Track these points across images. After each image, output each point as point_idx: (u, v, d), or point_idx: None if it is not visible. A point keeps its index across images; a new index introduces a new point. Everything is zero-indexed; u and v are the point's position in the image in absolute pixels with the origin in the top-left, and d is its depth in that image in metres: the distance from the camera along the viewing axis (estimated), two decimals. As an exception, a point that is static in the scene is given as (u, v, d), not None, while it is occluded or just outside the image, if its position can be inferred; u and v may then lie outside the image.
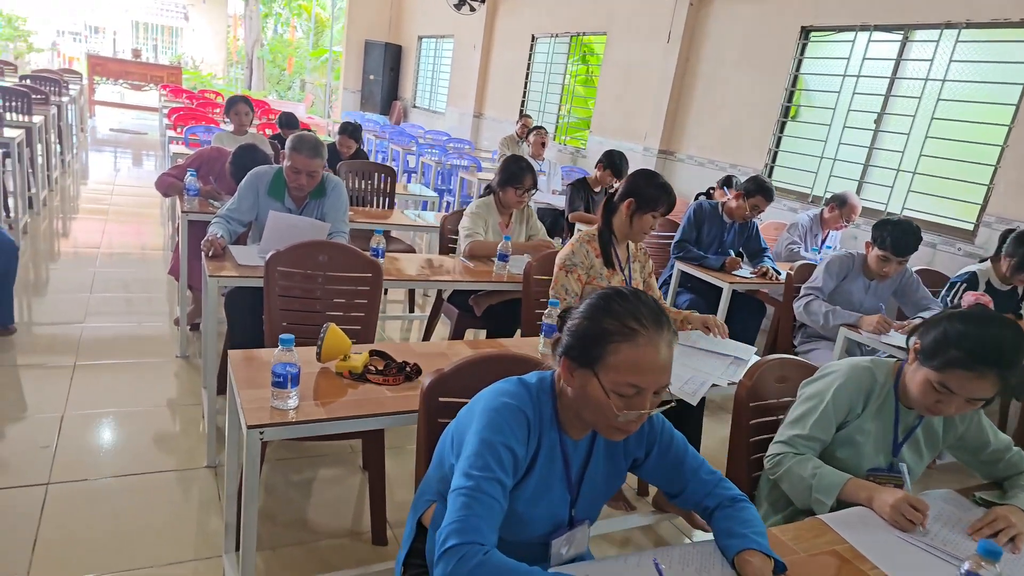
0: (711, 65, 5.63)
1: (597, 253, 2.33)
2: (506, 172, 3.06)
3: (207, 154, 3.52)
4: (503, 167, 3.09)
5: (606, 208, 2.33)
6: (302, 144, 2.61)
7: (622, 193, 2.28)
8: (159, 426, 2.59)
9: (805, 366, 1.74)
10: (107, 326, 3.44)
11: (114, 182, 7.32)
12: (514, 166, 3.06)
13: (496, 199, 3.16)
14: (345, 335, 1.64)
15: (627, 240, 2.35)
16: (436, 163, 6.85)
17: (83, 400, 2.69)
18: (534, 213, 3.34)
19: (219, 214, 2.71)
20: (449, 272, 2.71)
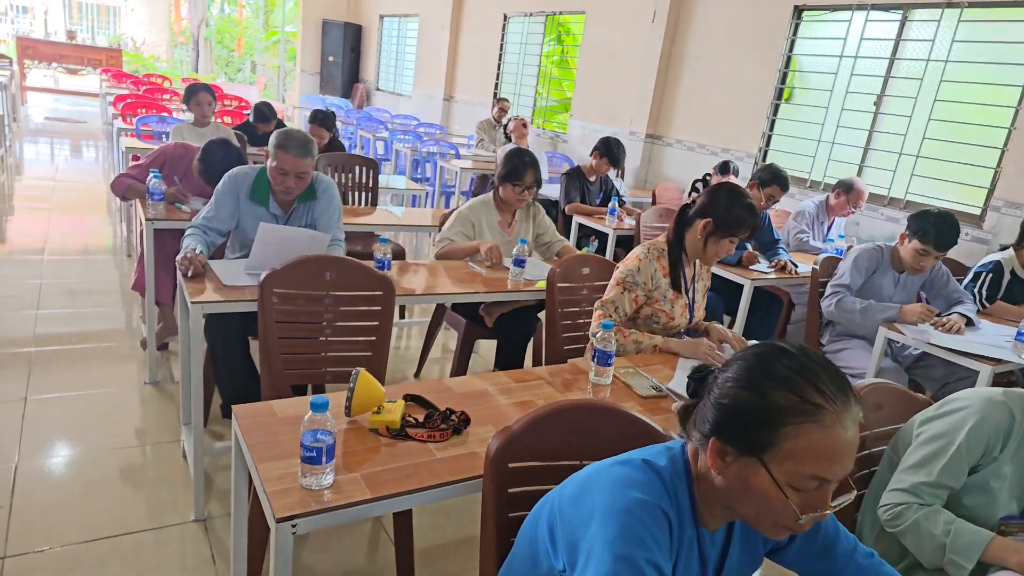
0: (699, 46, 5.42)
1: (665, 272, 2.07)
2: (505, 166, 2.78)
3: (171, 151, 3.12)
4: (504, 161, 2.81)
5: (679, 221, 2.07)
6: (289, 141, 2.28)
7: (700, 209, 2.01)
8: (132, 472, 2.24)
9: (900, 392, 1.54)
10: (61, 350, 3.04)
11: (55, 177, 6.70)
12: (516, 159, 2.77)
13: (496, 196, 2.88)
14: (377, 381, 1.35)
15: (697, 259, 2.11)
16: (410, 150, 6.48)
17: (39, 443, 2.32)
18: (542, 210, 3.06)
19: (194, 223, 2.36)
20: (463, 282, 2.42)
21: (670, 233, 2.09)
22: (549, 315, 2.31)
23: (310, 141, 2.31)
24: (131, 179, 3.04)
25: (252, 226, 2.43)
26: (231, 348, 2.21)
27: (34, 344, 3.04)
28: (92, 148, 8.77)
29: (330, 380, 1.98)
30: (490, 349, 3.37)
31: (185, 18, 20.19)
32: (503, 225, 2.89)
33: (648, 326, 2.10)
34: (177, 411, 2.61)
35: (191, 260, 2.07)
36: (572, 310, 2.35)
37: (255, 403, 1.38)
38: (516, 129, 5.40)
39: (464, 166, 5.87)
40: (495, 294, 2.40)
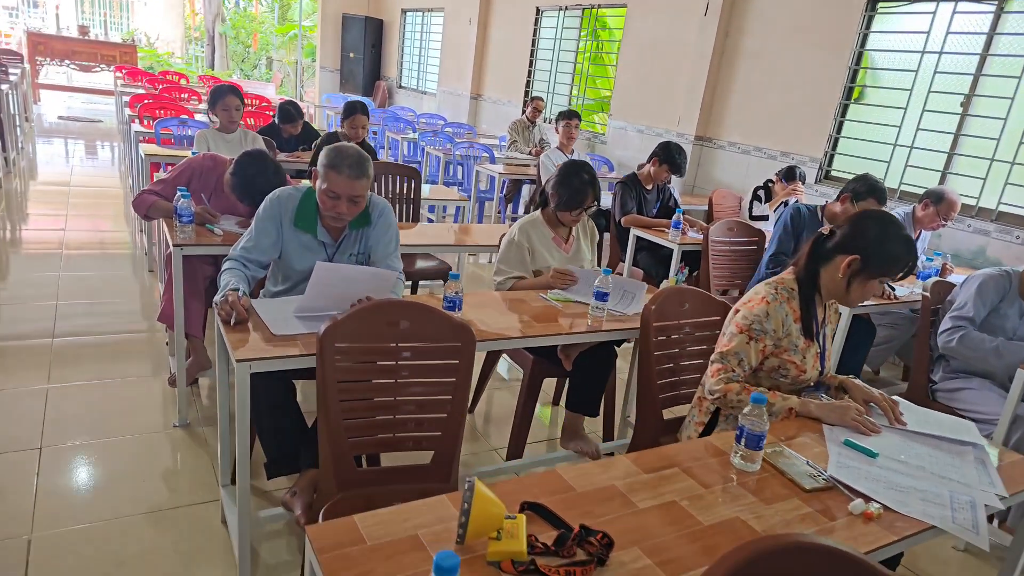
0: (757, 41, 5.04)
1: (796, 316, 1.72)
2: (563, 190, 2.42)
3: (198, 164, 2.81)
4: (559, 182, 2.47)
5: (813, 253, 1.72)
6: (341, 159, 1.95)
7: (844, 241, 1.65)
8: (164, 542, 1.94)
9: None
10: (81, 385, 2.75)
11: (69, 181, 6.44)
12: (574, 181, 2.41)
13: (545, 213, 2.55)
14: (493, 496, 1.03)
15: (832, 299, 1.76)
16: (443, 153, 6.15)
17: (56, 504, 2.03)
18: (589, 219, 2.73)
19: (233, 255, 2.05)
20: (539, 319, 2.09)
21: (800, 268, 1.74)
22: (643, 362, 1.97)
23: (365, 160, 1.99)
24: (155, 196, 2.73)
25: (297, 255, 2.13)
26: (275, 398, 1.89)
27: (49, 380, 2.76)
28: (108, 149, 8.52)
29: (400, 448, 1.66)
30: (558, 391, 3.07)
31: (200, 13, 19.97)
32: (558, 241, 2.56)
33: (772, 380, 1.77)
34: (212, 464, 2.31)
35: (232, 305, 1.76)
36: (670, 351, 2.01)
37: (335, 521, 1.06)
38: (564, 131, 5.03)
39: (502, 171, 5.53)
40: (577, 335, 2.06)
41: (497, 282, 2.49)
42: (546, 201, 2.55)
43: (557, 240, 2.55)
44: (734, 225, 3.52)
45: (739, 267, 3.51)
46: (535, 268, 2.51)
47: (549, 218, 2.55)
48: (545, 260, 2.51)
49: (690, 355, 2.06)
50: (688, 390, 2.05)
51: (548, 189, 2.54)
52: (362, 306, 1.58)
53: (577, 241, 2.60)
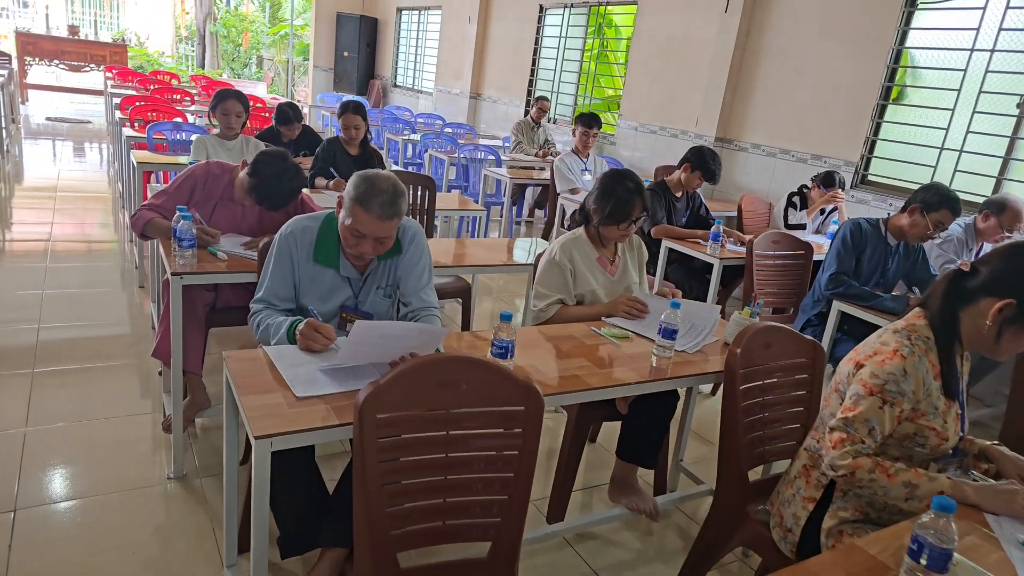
0: (783, 37, 4.77)
1: (936, 372, 1.42)
2: (607, 201, 2.14)
3: (203, 173, 2.50)
4: (602, 193, 2.19)
5: (950, 293, 1.43)
6: (372, 195, 1.66)
7: (993, 282, 1.36)
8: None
9: None
10: (61, 428, 2.45)
11: (56, 187, 6.10)
12: (619, 190, 2.13)
13: (588, 230, 2.28)
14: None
15: (974, 349, 1.48)
16: (447, 155, 5.85)
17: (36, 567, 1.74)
18: (637, 236, 2.45)
19: (258, 299, 1.82)
20: (597, 363, 1.81)
21: (935, 312, 1.44)
22: (728, 417, 1.69)
23: (400, 196, 1.70)
24: (153, 212, 2.43)
25: (318, 293, 1.85)
26: (292, 465, 1.60)
27: (28, 422, 2.45)
28: (97, 151, 8.18)
29: (452, 539, 1.38)
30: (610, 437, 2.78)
31: (191, 12, 19.53)
32: (604, 263, 2.28)
33: (903, 449, 1.45)
34: (213, 529, 2.01)
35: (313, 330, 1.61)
36: (753, 401, 1.74)
37: None
38: (580, 139, 4.71)
39: (512, 175, 5.25)
40: (653, 384, 1.77)
41: (537, 308, 2.21)
42: (588, 217, 2.28)
43: (602, 261, 2.27)
44: (779, 237, 3.25)
45: (786, 283, 3.25)
46: (577, 292, 2.24)
47: (592, 236, 2.27)
48: (588, 284, 2.24)
49: (777, 405, 1.79)
50: (776, 446, 1.78)
51: (588, 203, 2.26)
52: (408, 365, 1.30)
53: (623, 262, 2.32)
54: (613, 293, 2.26)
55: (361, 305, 1.91)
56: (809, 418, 1.83)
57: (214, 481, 2.24)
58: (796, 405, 1.83)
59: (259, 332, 1.79)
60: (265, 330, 1.77)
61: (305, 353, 1.63)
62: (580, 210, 2.30)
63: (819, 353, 1.85)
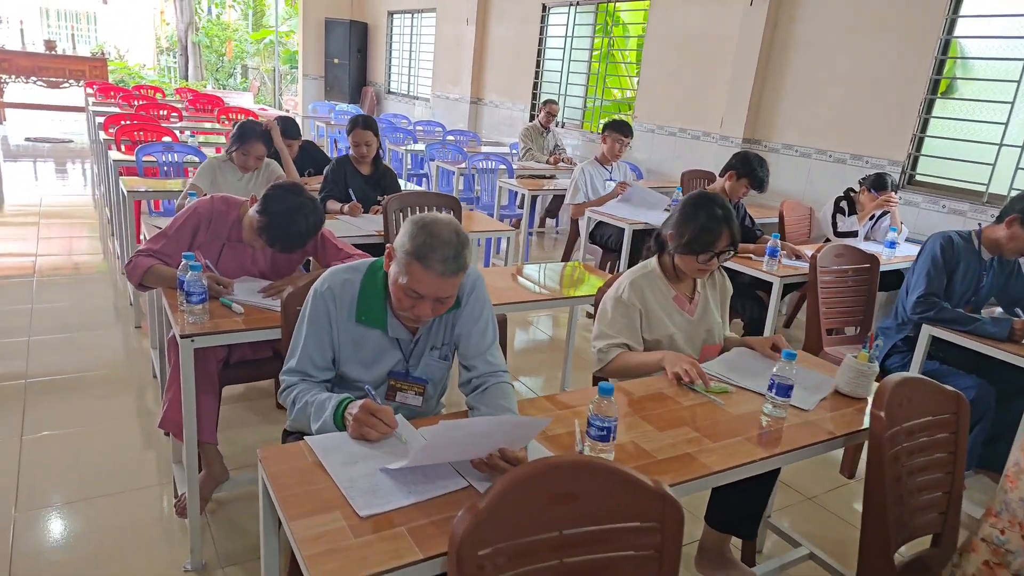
0: (815, 31, 4.49)
1: None
2: (687, 227, 1.84)
3: (206, 210, 2.17)
4: (682, 218, 1.89)
5: None
6: (433, 247, 1.35)
7: None
8: None
9: None
10: (58, 509, 2.11)
11: (39, 211, 5.74)
12: (701, 215, 1.84)
13: (662, 262, 1.97)
14: None
15: None
16: (456, 167, 5.52)
17: None
18: (723, 272, 2.16)
19: (288, 377, 1.51)
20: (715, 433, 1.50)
21: None
22: (873, 489, 1.39)
23: (465, 244, 1.39)
24: (153, 258, 2.10)
25: (358, 358, 1.54)
26: None
27: (17, 505, 2.12)
28: (80, 172, 7.79)
29: None
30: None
31: (171, 23, 19.07)
32: (681, 301, 1.97)
33: None
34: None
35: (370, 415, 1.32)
36: (900, 468, 1.44)
37: None
38: (611, 147, 4.36)
39: (532, 188, 4.93)
40: (793, 454, 1.46)
41: (598, 349, 1.90)
42: (662, 246, 1.98)
43: (679, 299, 1.96)
44: (842, 250, 2.96)
45: (852, 301, 2.96)
46: (652, 338, 1.93)
47: (667, 269, 1.96)
48: (664, 327, 1.93)
49: (922, 472, 1.49)
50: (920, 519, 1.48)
51: (664, 230, 1.95)
52: (510, 481, 0.99)
53: (703, 299, 2.01)
54: (693, 337, 1.96)
55: (412, 370, 1.60)
56: (954, 483, 1.54)
57: (238, 572, 1.92)
58: (940, 470, 1.54)
59: (295, 412, 1.48)
60: (302, 410, 1.46)
61: (358, 442, 1.32)
62: (655, 237, 1.99)
63: (963, 407, 1.56)
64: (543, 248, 6.26)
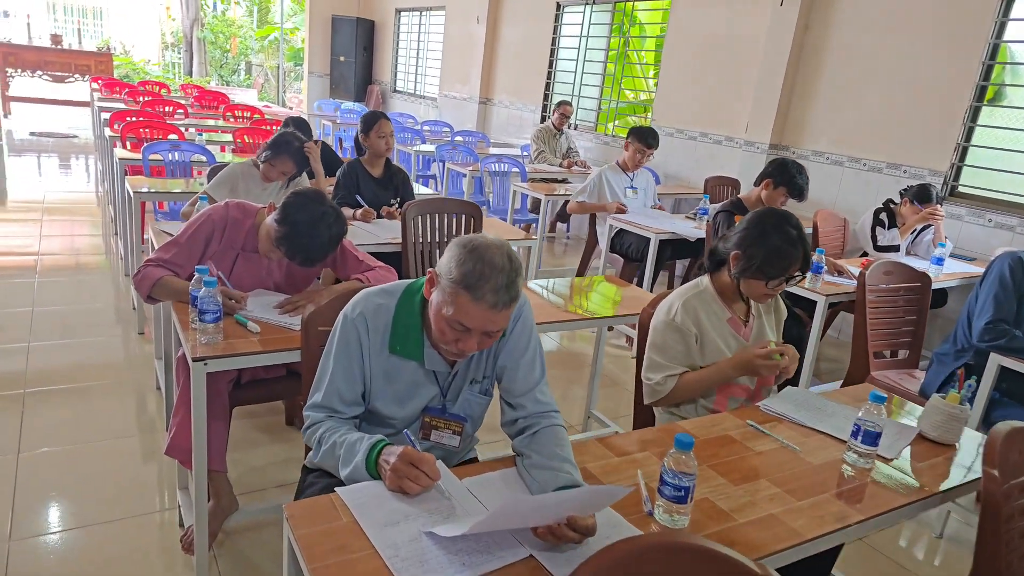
0: (851, 32, 4.31)
1: None
2: (758, 247, 1.66)
3: (221, 217, 1.99)
4: (753, 237, 1.69)
5: None
6: (485, 277, 1.18)
7: None
8: None
9: None
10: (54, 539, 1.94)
11: (42, 207, 5.57)
12: (774, 237, 1.65)
13: (717, 281, 1.79)
14: None
15: None
16: (468, 169, 5.35)
17: None
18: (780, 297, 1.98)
19: (313, 412, 1.34)
20: (796, 485, 1.33)
21: None
22: (985, 563, 1.22)
23: (518, 270, 1.22)
24: (163, 269, 1.93)
25: (390, 392, 1.37)
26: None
27: (12, 532, 1.95)
28: (84, 168, 7.63)
29: None
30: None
31: (176, 19, 18.91)
32: (736, 325, 1.78)
33: None
34: None
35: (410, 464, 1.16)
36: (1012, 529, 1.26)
37: None
38: (632, 155, 4.15)
39: (548, 192, 4.76)
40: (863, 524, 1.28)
41: (652, 382, 1.72)
42: (719, 263, 1.80)
43: (734, 323, 1.79)
44: (892, 267, 2.78)
45: (902, 322, 2.78)
46: (705, 364, 1.75)
47: (723, 290, 1.79)
48: (718, 352, 1.75)
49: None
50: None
51: (725, 246, 1.76)
52: (594, 571, 0.81)
53: (758, 322, 1.84)
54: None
55: (450, 406, 1.42)
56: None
57: (251, 617, 1.76)
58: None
59: (321, 453, 1.31)
60: (330, 451, 1.28)
61: (395, 495, 1.15)
62: (710, 255, 1.81)
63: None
64: (554, 254, 6.09)
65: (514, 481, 1.26)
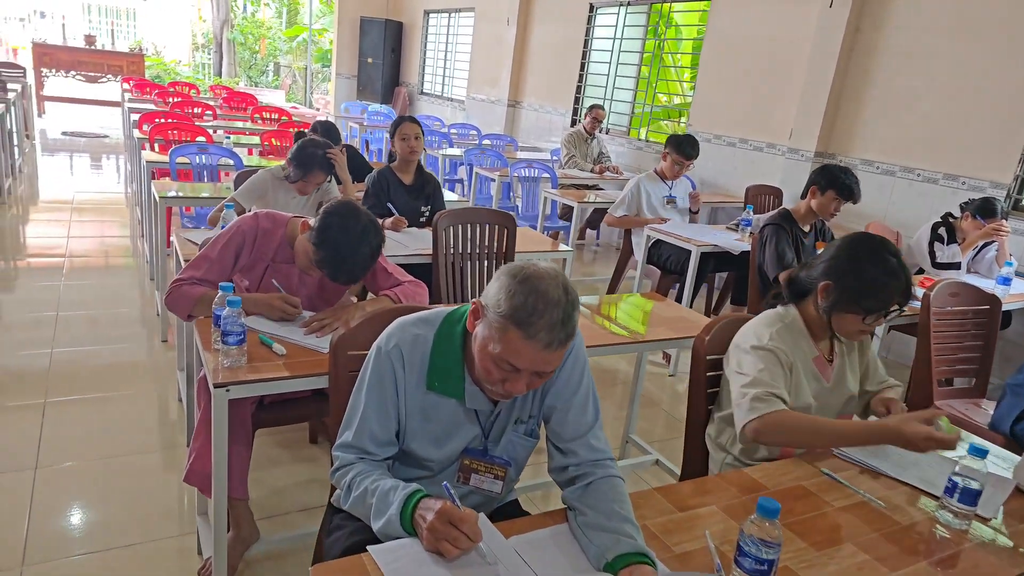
0: (906, 35, 4.09)
1: None
2: (855, 278, 1.47)
3: (251, 228, 1.89)
4: (846, 267, 1.49)
5: None
6: (538, 310, 1.05)
7: None
8: None
9: None
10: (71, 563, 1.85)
11: (72, 206, 5.58)
12: (874, 267, 1.46)
13: (806, 313, 1.58)
14: None
15: None
16: (497, 174, 5.22)
17: None
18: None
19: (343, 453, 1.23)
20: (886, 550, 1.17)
21: None
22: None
23: (575, 304, 1.09)
24: (196, 284, 1.83)
25: (426, 433, 1.24)
26: None
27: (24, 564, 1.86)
28: (114, 168, 7.68)
29: None
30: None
31: (207, 20, 19.15)
32: (821, 364, 1.59)
33: None
34: None
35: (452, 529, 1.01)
36: None
37: None
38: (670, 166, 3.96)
39: (580, 199, 4.61)
40: None
41: (753, 396, 1.43)
42: (802, 291, 1.60)
43: (819, 362, 1.59)
44: (958, 288, 2.58)
45: (968, 346, 2.58)
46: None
47: (812, 323, 1.57)
48: (802, 392, 1.55)
49: None
50: None
51: (810, 275, 1.57)
52: None
53: (839, 362, 1.63)
54: (827, 409, 1.60)
55: (492, 448, 1.29)
56: None
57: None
58: None
59: (351, 499, 1.18)
60: (361, 499, 1.15)
61: (434, 558, 1.02)
62: (790, 283, 1.62)
63: None
64: (583, 262, 5.92)
65: (568, 542, 1.11)
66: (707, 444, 1.70)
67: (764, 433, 1.40)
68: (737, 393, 1.47)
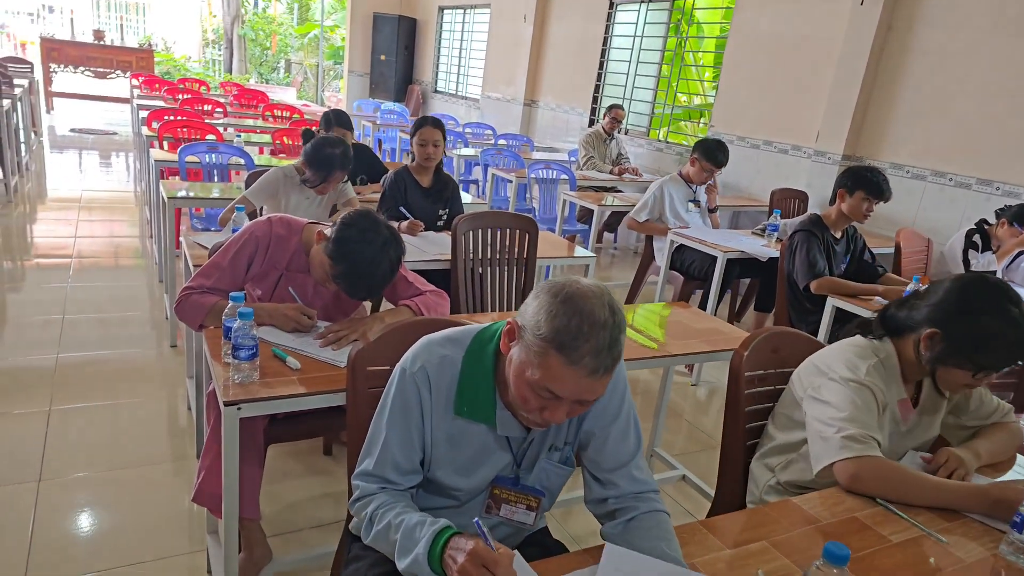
0: (941, 33, 3.94)
1: None
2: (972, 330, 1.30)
3: (264, 233, 1.79)
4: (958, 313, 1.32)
5: None
6: (583, 335, 0.94)
7: None
8: None
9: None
10: None
11: (79, 204, 5.52)
12: (994, 317, 1.28)
13: (903, 353, 1.41)
14: None
15: None
16: (514, 175, 5.11)
17: None
18: None
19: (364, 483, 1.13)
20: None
21: None
22: None
23: (622, 326, 0.97)
24: (209, 295, 1.74)
25: (453, 461, 1.14)
26: None
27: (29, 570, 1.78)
28: (123, 165, 7.63)
29: None
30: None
31: (218, 15, 19.13)
32: (905, 409, 1.43)
33: None
34: None
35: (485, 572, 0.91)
36: None
37: None
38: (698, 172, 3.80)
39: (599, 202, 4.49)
40: None
41: (846, 435, 1.29)
42: (896, 328, 1.43)
43: (904, 406, 1.43)
44: (1004, 301, 2.45)
45: (1014, 363, 2.44)
46: None
47: (908, 366, 1.41)
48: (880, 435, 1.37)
49: None
50: None
51: (911, 316, 1.40)
52: None
53: (922, 406, 1.48)
54: (894, 451, 1.46)
55: (524, 477, 1.18)
56: None
57: None
58: None
59: (373, 533, 1.07)
60: (384, 533, 1.05)
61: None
62: (884, 318, 1.45)
63: None
64: (600, 266, 5.80)
65: (614, 590, 1.01)
66: (752, 464, 1.59)
67: (860, 478, 1.27)
68: (823, 426, 1.33)
